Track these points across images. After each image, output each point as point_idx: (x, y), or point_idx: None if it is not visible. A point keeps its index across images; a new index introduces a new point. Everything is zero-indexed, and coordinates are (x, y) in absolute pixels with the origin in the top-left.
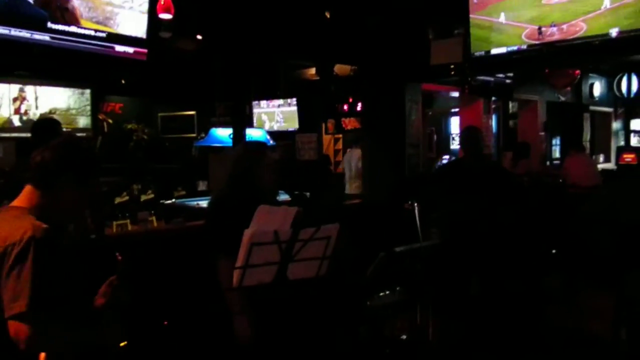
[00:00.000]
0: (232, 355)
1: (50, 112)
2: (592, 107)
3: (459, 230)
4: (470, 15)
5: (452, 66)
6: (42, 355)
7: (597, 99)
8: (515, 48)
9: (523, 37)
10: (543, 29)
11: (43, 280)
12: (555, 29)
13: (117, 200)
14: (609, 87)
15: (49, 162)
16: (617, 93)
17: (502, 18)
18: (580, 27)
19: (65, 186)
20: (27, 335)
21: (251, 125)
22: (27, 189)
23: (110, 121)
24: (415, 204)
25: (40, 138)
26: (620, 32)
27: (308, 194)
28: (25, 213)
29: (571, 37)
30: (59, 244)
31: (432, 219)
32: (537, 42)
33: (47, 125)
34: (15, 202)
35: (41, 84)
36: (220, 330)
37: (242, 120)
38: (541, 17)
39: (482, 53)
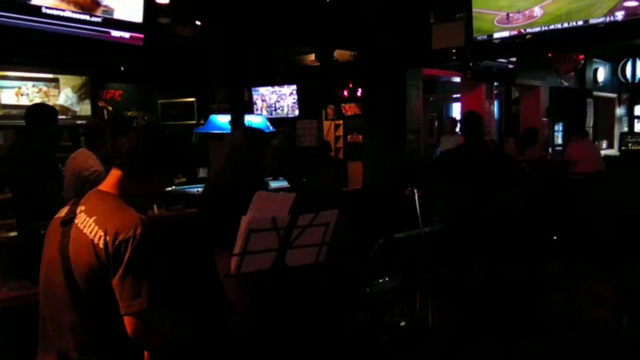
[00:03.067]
0: (232, 343)
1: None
2: (595, 93)
3: (460, 217)
4: None
5: (453, 51)
6: (146, 354)
7: (600, 84)
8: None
9: (495, 22)
10: (510, 15)
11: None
12: (520, 15)
13: None
14: (613, 72)
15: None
16: (622, 78)
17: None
18: (537, 13)
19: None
20: (146, 331)
21: (251, 112)
22: (116, 174)
23: (110, 108)
24: (416, 190)
25: (34, 124)
26: (626, 15)
27: (307, 180)
28: (123, 202)
29: (529, 21)
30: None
31: (435, 207)
32: (506, 25)
33: (40, 111)
34: (105, 187)
35: (40, 72)
36: (219, 319)
37: (241, 106)
38: (509, 5)
39: (485, 37)
